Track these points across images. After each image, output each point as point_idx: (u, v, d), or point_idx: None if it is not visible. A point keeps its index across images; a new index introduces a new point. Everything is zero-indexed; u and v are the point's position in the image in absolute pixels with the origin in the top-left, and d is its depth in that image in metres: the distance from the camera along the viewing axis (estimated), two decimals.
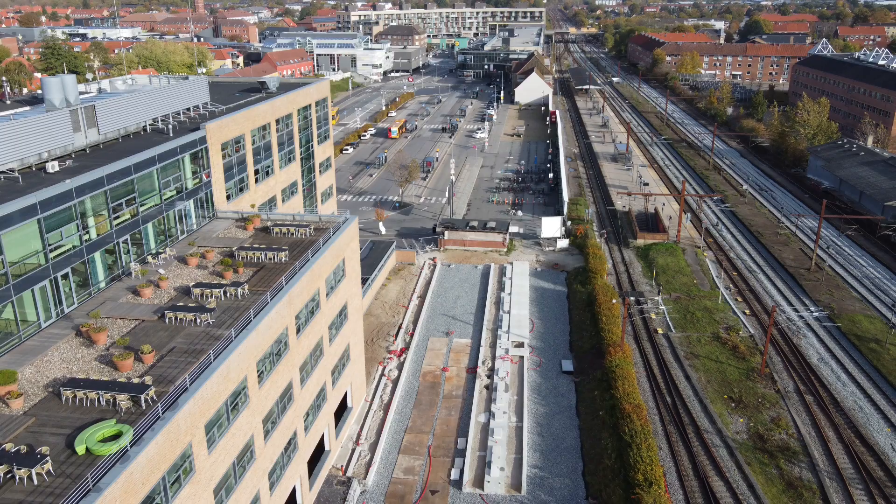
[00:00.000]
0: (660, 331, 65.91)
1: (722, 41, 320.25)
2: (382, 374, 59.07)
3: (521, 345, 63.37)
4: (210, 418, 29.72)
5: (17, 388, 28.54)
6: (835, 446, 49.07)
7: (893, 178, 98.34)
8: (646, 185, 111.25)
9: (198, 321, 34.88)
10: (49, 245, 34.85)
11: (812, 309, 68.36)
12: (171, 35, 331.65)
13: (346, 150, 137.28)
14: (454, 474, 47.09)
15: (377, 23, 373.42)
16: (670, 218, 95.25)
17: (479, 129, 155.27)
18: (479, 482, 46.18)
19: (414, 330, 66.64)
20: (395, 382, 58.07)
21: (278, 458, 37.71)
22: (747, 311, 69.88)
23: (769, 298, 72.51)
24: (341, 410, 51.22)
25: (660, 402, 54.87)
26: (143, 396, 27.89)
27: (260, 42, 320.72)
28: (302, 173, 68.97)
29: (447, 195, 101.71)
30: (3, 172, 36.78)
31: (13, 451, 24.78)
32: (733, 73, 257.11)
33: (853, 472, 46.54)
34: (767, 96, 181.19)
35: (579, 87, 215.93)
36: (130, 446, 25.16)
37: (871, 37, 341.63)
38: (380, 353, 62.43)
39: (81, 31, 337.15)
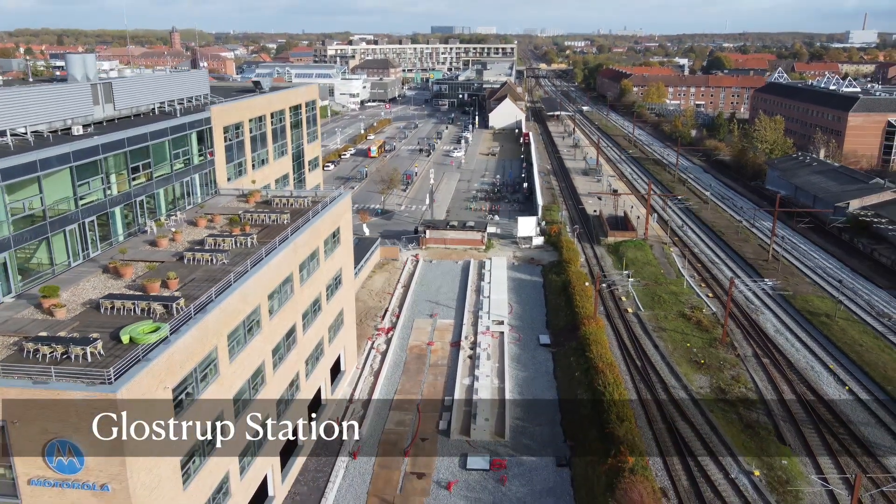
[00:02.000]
0: (630, 310, 70.66)
1: (686, 74, 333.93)
2: (372, 348, 62.75)
3: (500, 323, 67.53)
4: (231, 331, 33.43)
5: (59, 301, 32.03)
6: (788, 397, 53.81)
7: (842, 183, 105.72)
8: (615, 191, 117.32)
9: (214, 260, 38.68)
10: (78, 193, 38.58)
11: (767, 281, 73.88)
12: (149, 69, 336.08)
13: (328, 167, 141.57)
14: (442, 425, 50.74)
15: (353, 57, 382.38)
16: (638, 218, 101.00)
17: (456, 148, 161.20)
18: (465, 431, 49.87)
19: (400, 313, 70.55)
20: (384, 354, 61.75)
21: (284, 392, 41.18)
22: (710, 294, 75.15)
23: (726, 281, 77.74)
24: (335, 373, 54.69)
25: (630, 366, 59.28)
26: (174, 305, 31.60)
27: (238, 75, 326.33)
28: (293, 167, 73.23)
29: (427, 201, 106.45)
30: (35, 132, 40.52)
31: (67, 336, 28.31)
32: (697, 102, 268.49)
33: (804, 416, 51.20)
34: (729, 120, 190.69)
35: (550, 114, 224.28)
36: (170, 335, 28.84)
37: (826, 73, 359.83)
38: (368, 330, 66.13)
39: (60, 63, 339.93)
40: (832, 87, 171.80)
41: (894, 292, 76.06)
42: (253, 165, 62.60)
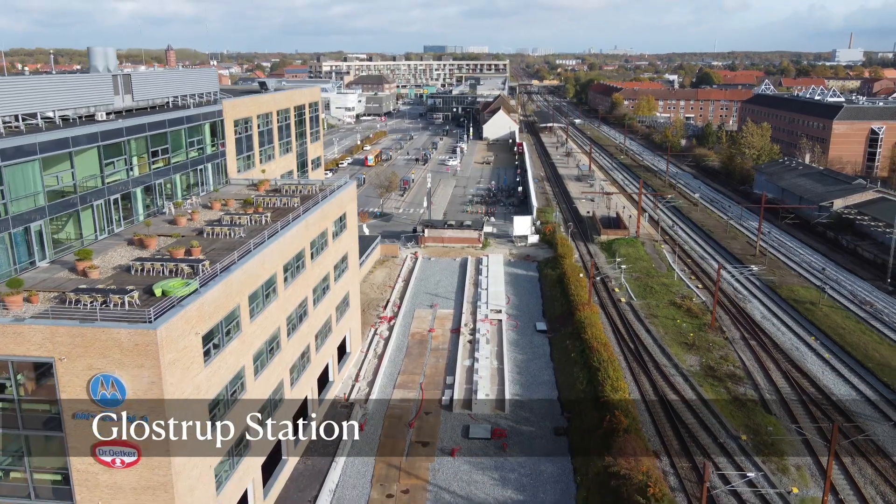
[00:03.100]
0: (623, 300, 73.32)
1: (676, 89, 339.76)
2: (375, 334, 65.13)
3: (498, 312, 70.01)
4: (252, 292, 35.88)
5: (93, 263, 34.45)
6: (774, 373, 56.43)
7: (827, 185, 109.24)
8: (608, 194, 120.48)
9: (232, 234, 41.19)
10: (104, 172, 41.13)
11: (753, 267, 76.86)
12: None
13: (326, 174, 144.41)
14: (444, 401, 53.09)
15: (348, 73, 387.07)
16: (630, 217, 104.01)
17: (451, 157, 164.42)
18: (467, 405, 52.22)
19: (401, 304, 73.01)
20: (387, 340, 64.10)
21: (296, 361, 43.53)
22: (700, 286, 77.97)
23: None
24: (341, 354, 56.98)
25: (624, 348, 61.81)
26: (200, 266, 34.07)
27: None
28: (297, 164, 75.94)
29: (425, 203, 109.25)
30: (63, 117, 43.10)
31: (105, 288, 30.74)
32: (686, 115, 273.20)
33: (789, 390, 53.81)
34: (717, 130, 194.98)
35: (543, 126, 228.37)
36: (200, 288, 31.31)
37: (812, 87, 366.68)
38: (371, 319, 68.52)
39: None
40: (817, 97, 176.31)
41: (877, 283, 79.04)
42: (260, 160, 65.26)
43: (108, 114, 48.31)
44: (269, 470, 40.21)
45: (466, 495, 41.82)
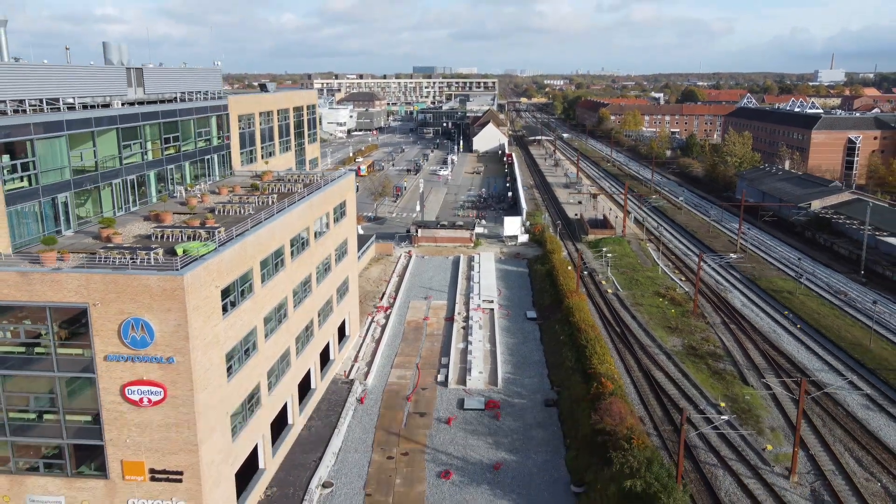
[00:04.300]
0: (609, 291, 76.42)
1: (661, 104, 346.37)
2: (372, 322, 67.77)
3: (490, 302, 72.87)
4: (263, 258, 38.65)
5: (116, 230, 37.16)
6: (752, 352, 59.50)
7: (805, 188, 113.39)
8: (595, 196, 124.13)
9: (242, 211, 44.01)
10: (122, 153, 43.95)
11: (732, 255, 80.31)
12: None
13: None
14: (440, 378, 55.74)
15: (339, 90, 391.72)
16: (616, 218, 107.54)
17: (442, 168, 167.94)
18: (461, 381, 54.88)
19: (396, 296, 75.75)
20: (384, 327, 66.75)
21: (301, 332, 46.18)
22: (683, 279, 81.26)
23: (701, 271, 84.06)
24: (341, 336, 59.57)
25: (611, 332, 64.75)
26: (216, 232, 36.86)
27: None
28: (295, 164, 78.92)
29: (418, 207, 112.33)
30: (83, 104, 45.94)
31: (132, 246, 33.45)
32: (672, 130, 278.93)
33: (766, 365, 56.88)
34: (701, 143, 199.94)
35: (532, 139, 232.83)
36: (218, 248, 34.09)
37: (793, 100, 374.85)
38: (368, 308, 71.17)
39: None
40: (796, 110, 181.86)
41: (851, 276, 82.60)
42: (262, 155, 68.20)
43: (122, 104, 51.21)
44: (276, 433, 42.69)
45: (462, 456, 44.37)
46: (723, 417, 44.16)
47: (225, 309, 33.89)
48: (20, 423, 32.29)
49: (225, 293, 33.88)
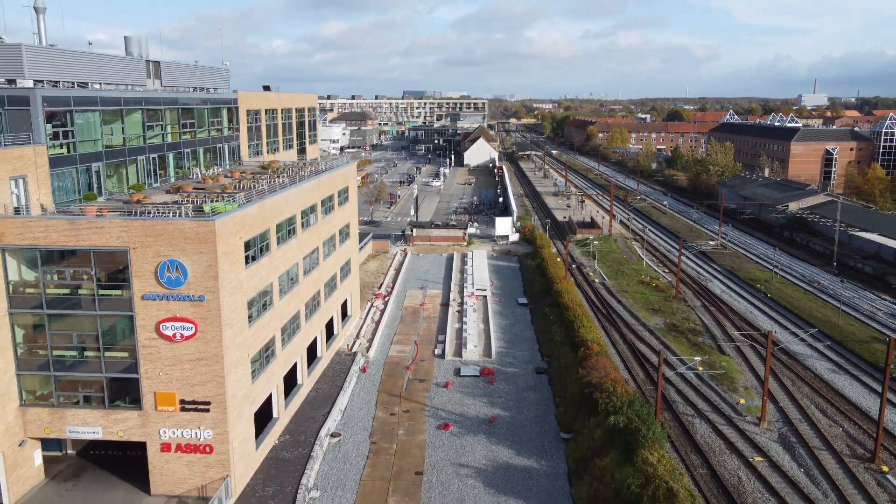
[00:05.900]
0: (597, 281, 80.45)
1: (648, 122, 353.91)
2: (371, 307, 71.33)
3: (483, 290, 76.70)
4: (279, 223, 42.43)
5: (146, 194, 40.89)
6: (729, 328, 63.53)
7: (783, 192, 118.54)
8: (582, 202, 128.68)
9: (256, 185, 47.81)
10: (146, 133, 47.82)
11: (710, 243, 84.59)
12: None
13: None
14: (437, 352, 59.34)
15: (331, 110, 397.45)
16: (603, 218, 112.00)
17: (435, 179, 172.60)
18: (457, 354, 58.51)
19: (394, 286, 79.41)
20: (382, 311, 70.32)
21: (309, 299, 49.78)
22: (666, 271, 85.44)
23: (684, 264, 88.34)
24: (343, 314, 63.09)
25: (598, 314, 68.62)
26: (236, 196, 40.65)
27: None
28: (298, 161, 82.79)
29: (412, 211, 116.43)
30: (109, 91, 49.87)
31: (165, 203, 37.17)
32: (658, 147, 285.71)
33: (741, 338, 60.88)
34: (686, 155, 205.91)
35: (522, 153, 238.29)
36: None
37: (773, 115, 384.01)
38: (367, 296, 74.73)
39: None
40: (777, 124, 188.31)
41: (825, 269, 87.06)
42: (267, 150, 72.15)
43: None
44: (288, 389, 46.10)
45: (460, 413, 47.86)
46: (696, 360, 48.16)
47: (247, 261, 37.55)
48: (63, 360, 35.67)
49: (247, 246, 37.58)
